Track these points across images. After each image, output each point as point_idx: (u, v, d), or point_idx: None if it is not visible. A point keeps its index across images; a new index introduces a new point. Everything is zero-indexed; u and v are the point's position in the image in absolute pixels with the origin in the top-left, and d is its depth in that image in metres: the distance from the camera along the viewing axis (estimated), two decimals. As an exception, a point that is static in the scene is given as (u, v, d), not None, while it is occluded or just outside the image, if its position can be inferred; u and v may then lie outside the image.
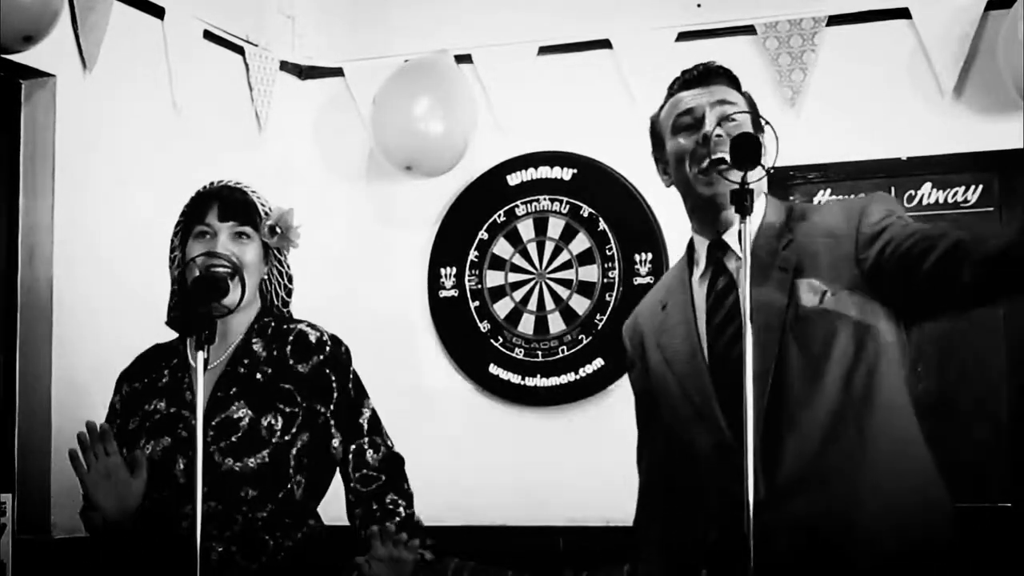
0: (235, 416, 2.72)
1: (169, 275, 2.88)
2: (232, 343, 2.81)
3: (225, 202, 2.80)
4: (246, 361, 2.79)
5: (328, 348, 2.81)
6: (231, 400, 2.74)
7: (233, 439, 2.70)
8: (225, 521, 2.68)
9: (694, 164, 2.45)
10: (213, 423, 2.71)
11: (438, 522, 4.12)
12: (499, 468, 4.20)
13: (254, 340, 2.81)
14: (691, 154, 2.46)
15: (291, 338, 2.81)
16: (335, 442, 2.80)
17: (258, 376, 2.77)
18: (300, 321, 2.87)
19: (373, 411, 2.85)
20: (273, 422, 2.73)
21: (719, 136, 2.42)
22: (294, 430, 2.74)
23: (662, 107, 2.59)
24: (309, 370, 2.79)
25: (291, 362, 2.79)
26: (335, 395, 2.80)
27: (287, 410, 2.75)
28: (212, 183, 2.86)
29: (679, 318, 2.53)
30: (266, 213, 2.83)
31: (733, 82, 2.56)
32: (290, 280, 2.91)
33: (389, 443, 2.86)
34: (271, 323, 2.85)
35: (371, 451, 2.81)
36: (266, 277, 2.86)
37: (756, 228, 2.50)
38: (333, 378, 2.80)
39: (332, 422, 2.79)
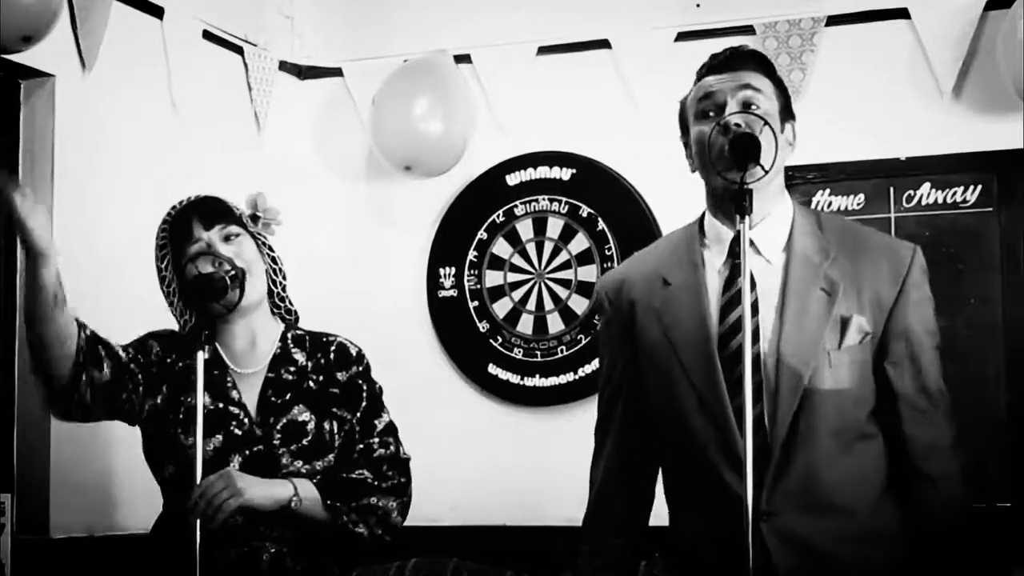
0: (300, 419, 2.79)
1: (169, 307, 2.87)
2: (269, 350, 2.85)
3: (201, 211, 2.82)
4: (292, 369, 2.84)
5: (364, 361, 2.91)
6: (290, 404, 2.80)
7: (304, 442, 2.77)
8: (279, 523, 2.70)
9: (712, 152, 2.39)
10: (278, 427, 2.77)
11: (438, 522, 4.15)
12: (498, 468, 4.20)
13: (293, 349, 2.87)
14: (710, 141, 2.39)
15: (333, 348, 2.90)
16: (360, 447, 2.85)
17: (310, 383, 2.83)
18: (334, 334, 2.94)
19: (390, 420, 2.91)
20: (330, 427, 2.80)
21: (737, 125, 2.37)
22: (344, 434, 2.82)
23: (691, 92, 2.53)
24: (347, 380, 2.87)
25: (333, 370, 2.87)
26: (363, 404, 2.87)
27: (339, 414, 2.83)
28: (177, 204, 2.86)
29: (689, 300, 2.46)
30: (238, 209, 2.87)
31: (764, 67, 2.49)
32: (282, 264, 2.94)
33: (401, 448, 2.89)
34: (305, 335, 2.91)
35: (381, 450, 2.85)
36: (267, 268, 2.87)
37: (788, 228, 2.48)
38: (364, 389, 2.88)
39: (358, 428, 2.85)
